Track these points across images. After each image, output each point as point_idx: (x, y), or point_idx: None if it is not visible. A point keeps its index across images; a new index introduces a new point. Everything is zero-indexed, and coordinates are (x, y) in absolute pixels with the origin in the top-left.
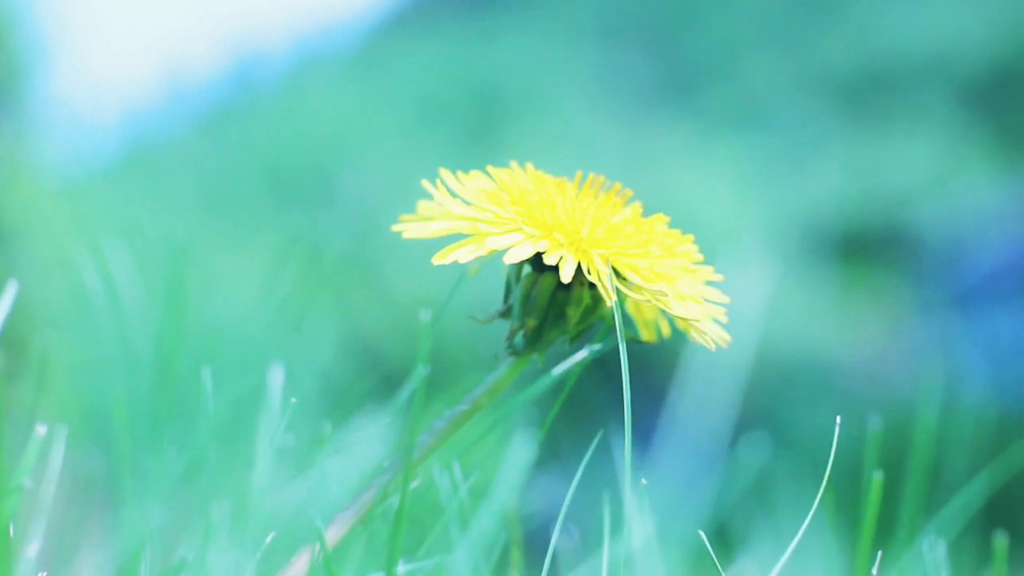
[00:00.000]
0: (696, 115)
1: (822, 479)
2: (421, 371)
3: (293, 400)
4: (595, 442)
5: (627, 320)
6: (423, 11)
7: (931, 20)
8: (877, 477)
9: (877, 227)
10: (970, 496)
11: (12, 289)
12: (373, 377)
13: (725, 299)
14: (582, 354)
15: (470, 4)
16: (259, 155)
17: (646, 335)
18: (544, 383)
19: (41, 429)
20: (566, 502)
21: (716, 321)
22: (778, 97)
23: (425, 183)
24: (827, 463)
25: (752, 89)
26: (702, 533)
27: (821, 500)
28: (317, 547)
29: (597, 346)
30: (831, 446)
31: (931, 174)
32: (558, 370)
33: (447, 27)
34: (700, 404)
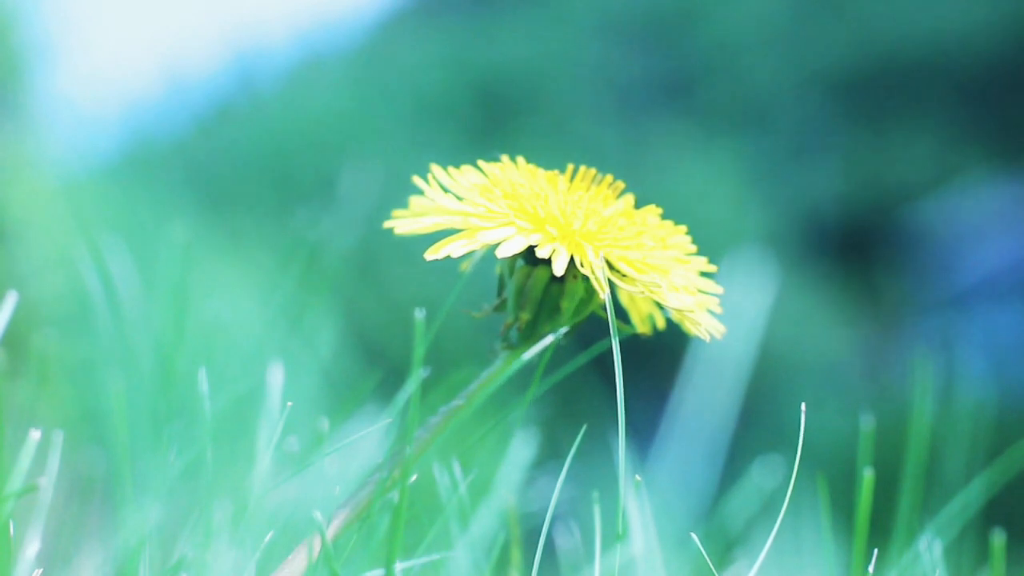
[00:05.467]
0: (696, 114)
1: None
2: (418, 371)
3: (290, 404)
4: (579, 437)
5: (622, 313)
6: (424, 9)
7: (931, 20)
8: (868, 475)
9: (877, 226)
10: (970, 496)
11: (12, 297)
12: (373, 375)
13: (719, 289)
14: (550, 338)
15: (471, 2)
16: (260, 153)
17: (642, 328)
18: (545, 384)
19: (36, 433)
20: (553, 500)
21: (710, 312)
22: (779, 96)
23: (416, 179)
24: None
25: (753, 88)
26: (695, 536)
27: (819, 499)
28: (316, 544)
29: (563, 329)
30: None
31: (931, 173)
32: (528, 355)
33: (448, 25)
34: (702, 405)
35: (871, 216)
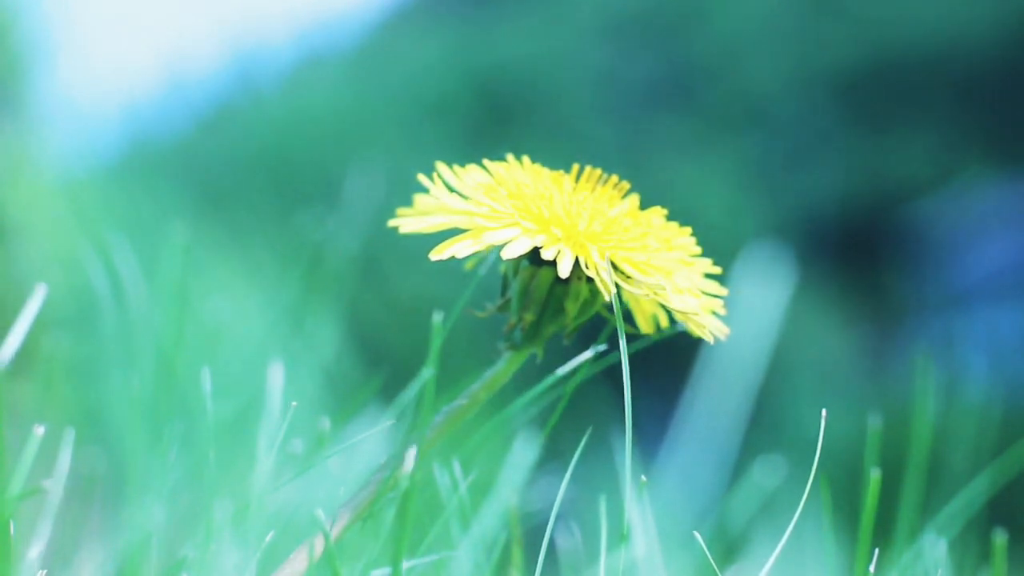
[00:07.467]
0: (697, 114)
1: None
2: (429, 373)
3: (294, 404)
4: (584, 439)
5: (626, 313)
6: (424, 8)
7: (931, 20)
8: (875, 475)
9: (877, 226)
10: (972, 495)
11: (42, 290)
12: (376, 376)
13: (723, 291)
14: (587, 354)
15: (472, 2)
16: (260, 151)
17: (645, 328)
18: (547, 383)
19: (39, 429)
20: (558, 501)
21: (714, 313)
22: (779, 96)
23: (421, 177)
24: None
25: (754, 88)
26: (698, 535)
27: (821, 499)
28: (318, 543)
29: (602, 346)
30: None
31: (931, 173)
32: (563, 370)
33: (449, 24)
34: (712, 407)
35: (872, 215)
